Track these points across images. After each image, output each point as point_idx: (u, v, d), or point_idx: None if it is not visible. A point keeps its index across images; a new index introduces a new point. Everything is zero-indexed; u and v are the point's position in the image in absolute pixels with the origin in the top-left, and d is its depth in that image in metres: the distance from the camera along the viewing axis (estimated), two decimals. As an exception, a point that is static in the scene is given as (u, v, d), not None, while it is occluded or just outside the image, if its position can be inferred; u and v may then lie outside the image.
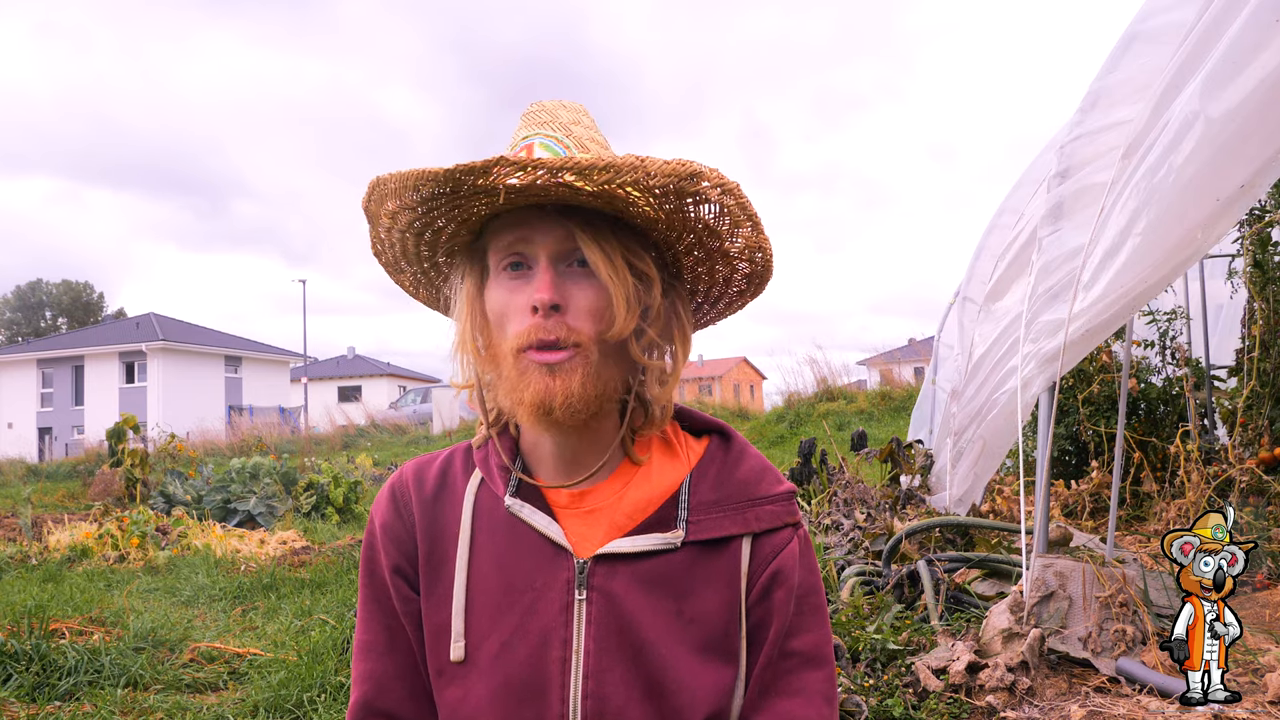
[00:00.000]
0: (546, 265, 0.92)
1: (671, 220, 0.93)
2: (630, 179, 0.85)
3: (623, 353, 0.96)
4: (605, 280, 0.91)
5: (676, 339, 1.00)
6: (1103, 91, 3.15)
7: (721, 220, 0.94)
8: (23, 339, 55.74)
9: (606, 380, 0.94)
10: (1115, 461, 3.44)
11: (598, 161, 0.84)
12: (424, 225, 0.97)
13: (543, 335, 0.91)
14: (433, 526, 1.02)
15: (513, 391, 0.93)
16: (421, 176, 0.88)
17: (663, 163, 0.85)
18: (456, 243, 1.01)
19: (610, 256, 0.91)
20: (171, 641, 4.16)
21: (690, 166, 0.87)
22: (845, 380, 19.02)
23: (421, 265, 1.06)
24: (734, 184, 0.90)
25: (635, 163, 0.85)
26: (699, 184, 0.88)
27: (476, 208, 0.93)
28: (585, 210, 0.91)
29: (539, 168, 0.84)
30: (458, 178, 0.87)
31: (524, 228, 0.93)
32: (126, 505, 10.29)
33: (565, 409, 0.91)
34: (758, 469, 1.03)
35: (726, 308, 1.09)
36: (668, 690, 0.93)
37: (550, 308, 0.90)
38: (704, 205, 0.91)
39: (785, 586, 0.98)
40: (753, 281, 1.03)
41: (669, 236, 0.96)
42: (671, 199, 0.90)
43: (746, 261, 1.00)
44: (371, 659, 1.04)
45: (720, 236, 0.96)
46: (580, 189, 0.86)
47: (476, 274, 1.00)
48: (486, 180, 0.87)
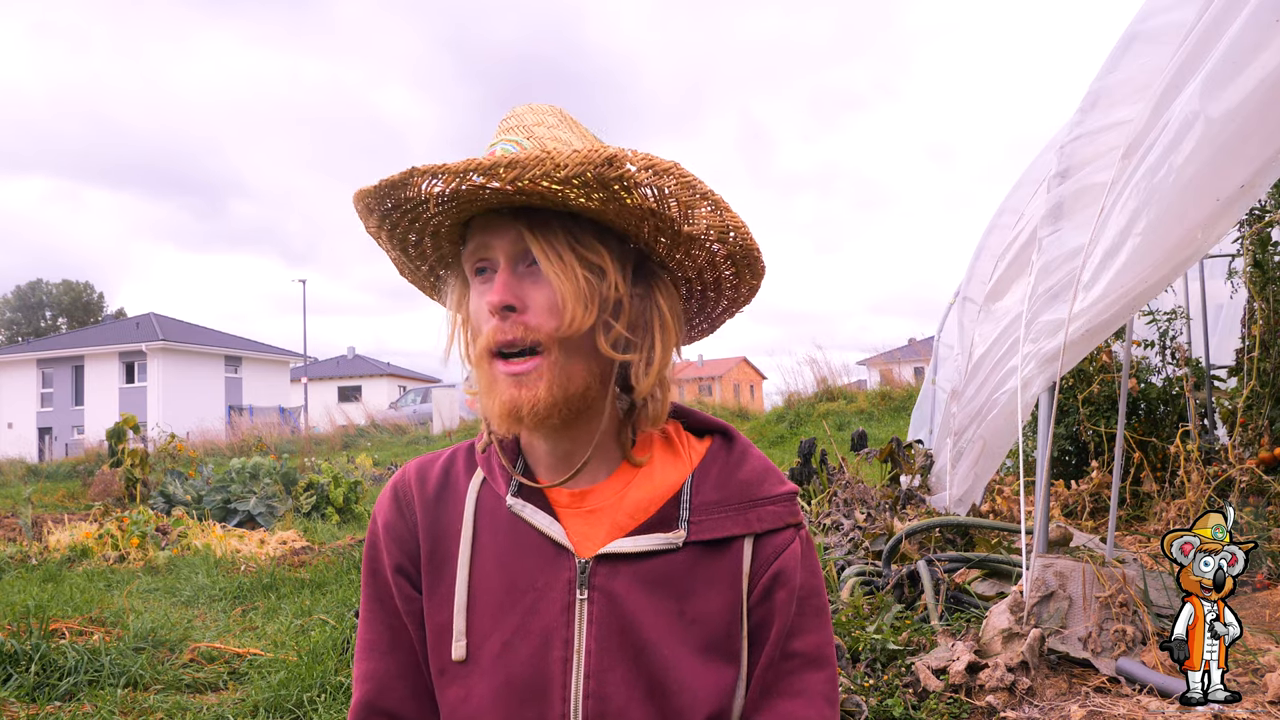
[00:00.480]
0: (504, 267, 0.93)
1: (611, 210, 0.91)
2: (539, 172, 0.84)
3: (591, 349, 0.95)
4: (551, 276, 0.91)
5: (656, 331, 0.98)
6: (1103, 91, 3.15)
7: (666, 203, 0.91)
8: (23, 339, 55.75)
9: (575, 381, 0.93)
10: (1115, 461, 3.44)
11: (501, 160, 0.84)
12: (401, 239, 1.00)
13: (500, 336, 0.92)
14: (435, 526, 1.02)
15: (484, 397, 0.95)
16: (361, 195, 0.93)
17: (571, 153, 0.84)
18: (443, 253, 1.03)
19: (559, 252, 0.91)
20: (171, 641, 4.17)
21: (604, 152, 0.84)
22: (845, 380, 19.03)
23: (428, 279, 1.08)
24: (669, 164, 0.88)
25: (541, 156, 0.84)
26: (620, 168, 0.86)
27: (429, 218, 0.95)
28: (539, 210, 0.91)
29: (447, 172, 0.86)
30: (385, 192, 0.91)
31: (484, 233, 0.94)
32: (126, 505, 10.29)
33: (533, 416, 0.92)
34: (760, 470, 1.03)
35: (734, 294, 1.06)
36: (669, 690, 0.93)
37: (504, 308, 0.91)
38: (638, 190, 0.89)
39: (787, 587, 0.98)
40: (739, 264, 1.00)
41: (625, 226, 0.94)
42: (598, 188, 0.88)
43: (719, 242, 0.97)
44: (374, 658, 1.04)
45: (673, 220, 0.93)
46: (502, 189, 0.86)
47: (461, 282, 1.01)
48: (410, 192, 0.90)
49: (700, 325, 1.13)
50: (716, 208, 0.93)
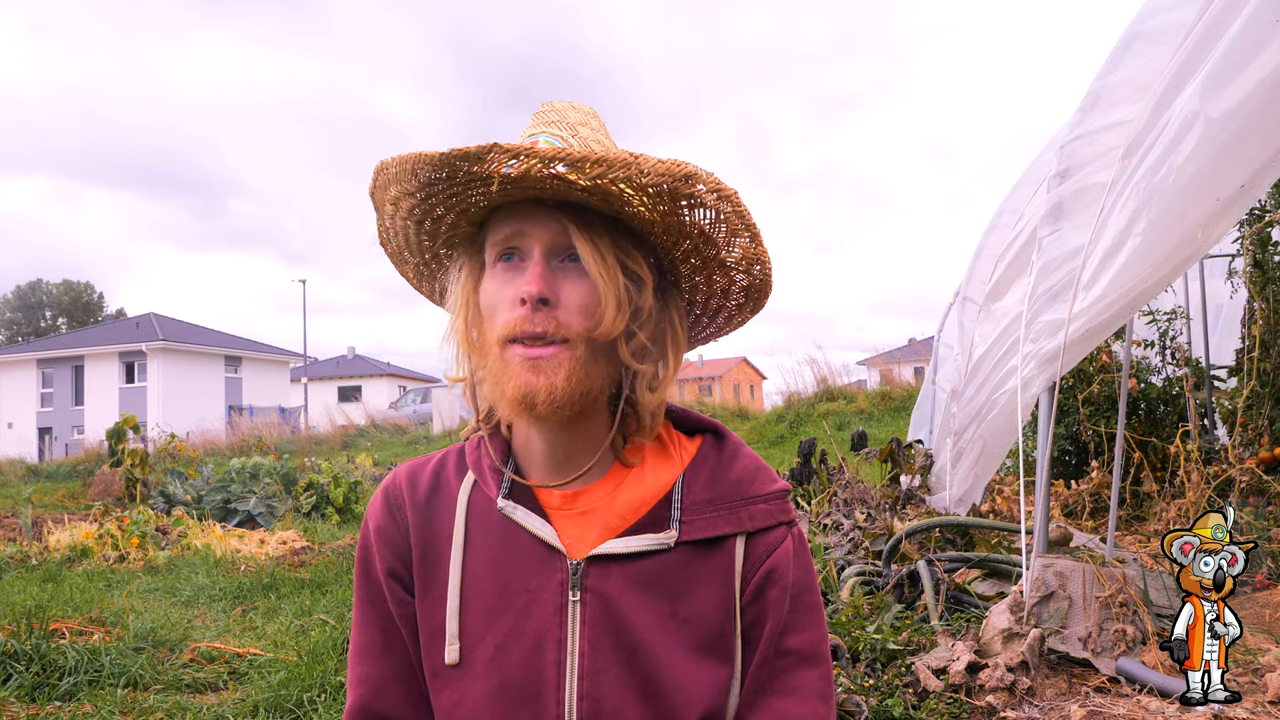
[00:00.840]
0: (539, 258, 0.92)
1: (667, 223, 0.92)
2: (623, 174, 0.85)
3: (611, 353, 0.95)
4: (595, 277, 0.90)
5: (669, 346, 0.99)
6: (1103, 91, 3.15)
7: (718, 227, 0.93)
8: (23, 339, 55.77)
9: (593, 378, 0.93)
10: (1115, 461, 3.43)
11: (590, 155, 0.84)
12: (424, 213, 0.97)
13: (529, 327, 0.90)
14: (426, 529, 1.02)
15: (496, 383, 0.93)
16: (419, 160, 0.88)
17: (657, 161, 0.85)
18: (457, 234, 1.01)
19: (603, 254, 0.91)
20: (171, 641, 4.16)
21: (685, 168, 0.86)
22: (845, 380, 19.02)
23: (424, 256, 1.05)
24: (731, 191, 0.89)
25: (629, 159, 0.84)
26: (693, 186, 0.87)
27: (474, 197, 0.93)
28: (582, 207, 0.91)
29: (532, 156, 0.84)
30: (453, 163, 0.87)
31: (520, 221, 0.92)
32: (126, 505, 10.29)
33: (548, 404, 0.90)
34: (751, 468, 1.03)
35: (726, 322, 1.09)
36: (663, 690, 0.93)
37: (539, 300, 0.90)
38: (699, 210, 0.90)
39: (780, 585, 0.98)
40: (751, 295, 1.03)
41: (665, 241, 0.96)
42: (666, 200, 0.89)
43: (744, 274, 0.99)
44: (367, 662, 1.03)
45: (716, 244, 0.95)
46: (574, 182, 0.86)
47: (474, 266, 0.99)
48: (481, 167, 0.86)
49: None
50: (754, 240, 0.95)
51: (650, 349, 0.98)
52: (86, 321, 58.06)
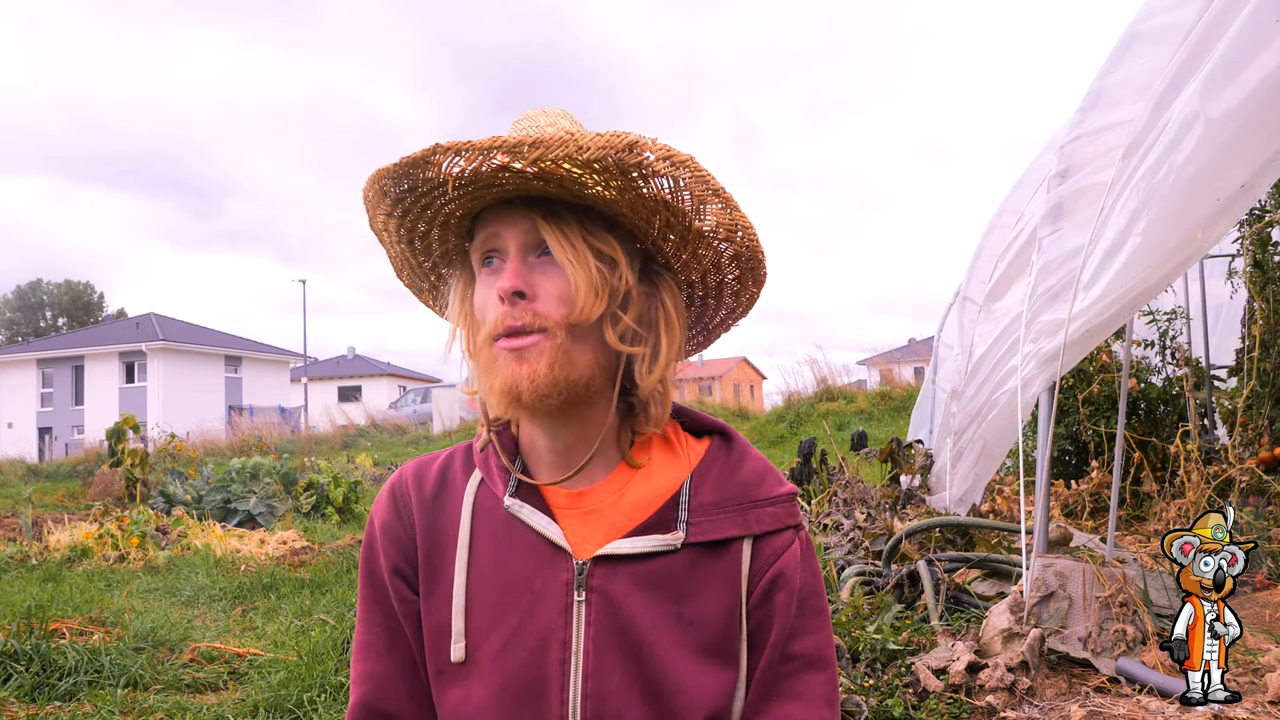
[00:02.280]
0: (514, 255, 0.94)
1: (628, 200, 0.92)
2: (562, 153, 0.85)
3: (598, 339, 0.96)
4: (564, 263, 0.91)
5: (661, 327, 0.99)
6: (1103, 91, 3.15)
7: (680, 196, 0.92)
8: (23, 339, 55.74)
9: (578, 365, 0.93)
10: (1115, 461, 3.43)
11: (525, 139, 0.84)
12: (409, 232, 1.00)
13: (510, 322, 0.92)
14: (432, 527, 1.02)
15: (486, 380, 0.95)
16: (379, 175, 0.92)
17: (594, 135, 0.85)
18: (448, 249, 1.03)
19: (571, 240, 0.92)
20: (171, 641, 4.16)
21: (626, 138, 0.85)
22: (845, 380, 19.03)
23: (429, 279, 1.08)
24: (685, 157, 0.88)
25: (565, 137, 0.84)
26: (639, 155, 0.86)
27: (445, 206, 0.95)
28: (551, 200, 0.93)
29: (470, 149, 0.86)
30: (405, 170, 0.90)
31: (494, 223, 0.95)
32: (126, 505, 10.29)
33: (533, 393, 0.91)
34: (759, 470, 1.03)
35: (734, 300, 1.07)
36: (667, 692, 0.93)
37: (514, 294, 0.91)
38: (655, 180, 0.89)
39: (787, 589, 0.98)
40: (743, 264, 1.01)
41: (637, 220, 0.95)
42: (616, 175, 0.88)
43: (726, 241, 0.98)
44: (371, 660, 1.03)
45: (685, 213, 0.94)
46: (522, 171, 0.87)
47: (467, 278, 1.01)
48: (431, 170, 0.89)
49: (696, 337, 1.14)
50: (727, 205, 0.94)
51: (639, 332, 0.98)
52: (86, 321, 58.05)
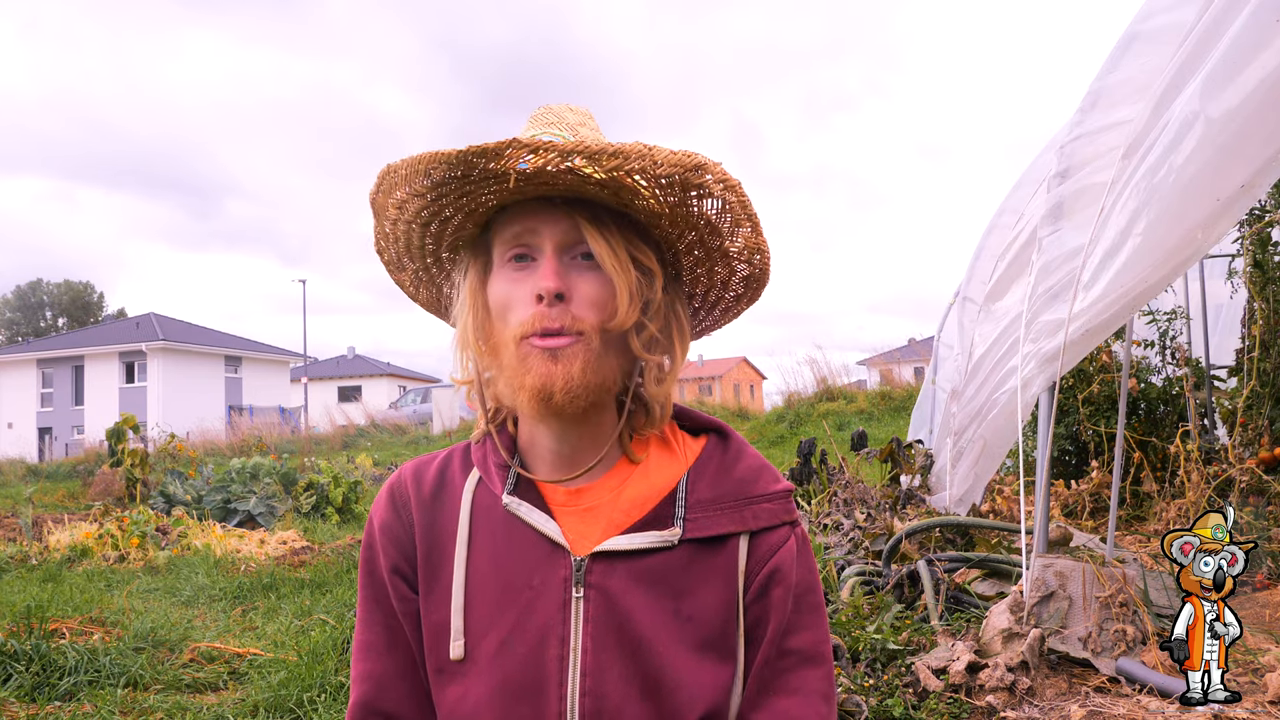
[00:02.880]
0: (552, 255, 0.93)
1: (675, 214, 0.94)
2: (638, 166, 0.86)
3: (623, 346, 0.97)
4: (610, 271, 0.92)
5: (675, 337, 1.01)
6: (1103, 91, 3.15)
7: (723, 217, 0.94)
8: (23, 339, 55.75)
9: (606, 371, 0.94)
10: (1115, 461, 3.43)
11: (607, 147, 0.85)
12: (431, 215, 0.97)
13: (547, 323, 0.91)
14: (431, 526, 1.02)
15: (514, 378, 0.94)
16: (433, 159, 0.88)
17: (669, 152, 0.87)
18: (462, 236, 1.01)
19: (615, 248, 0.92)
20: (171, 641, 4.16)
21: (696, 158, 0.87)
22: (845, 380, 19.03)
23: (424, 261, 1.06)
24: (736, 181, 0.91)
25: (643, 150, 0.86)
26: (703, 176, 0.89)
27: (485, 196, 0.93)
28: (591, 203, 0.93)
29: (550, 150, 0.85)
30: (470, 160, 0.87)
31: (530, 219, 0.93)
32: (126, 505, 10.29)
33: (566, 393, 0.91)
34: (755, 467, 1.03)
35: (723, 314, 1.10)
36: (665, 688, 0.93)
37: (555, 296, 0.91)
38: (707, 200, 0.92)
39: (783, 585, 0.98)
40: (750, 285, 1.04)
41: (670, 233, 0.97)
42: (676, 190, 0.90)
43: (745, 263, 1.00)
44: (371, 659, 1.04)
45: (721, 234, 0.96)
46: (589, 176, 0.87)
47: (480, 267, 1.00)
48: (499, 163, 0.87)
49: None
50: (755, 230, 0.96)
51: (660, 340, 1.00)
52: (86, 321, 58.06)
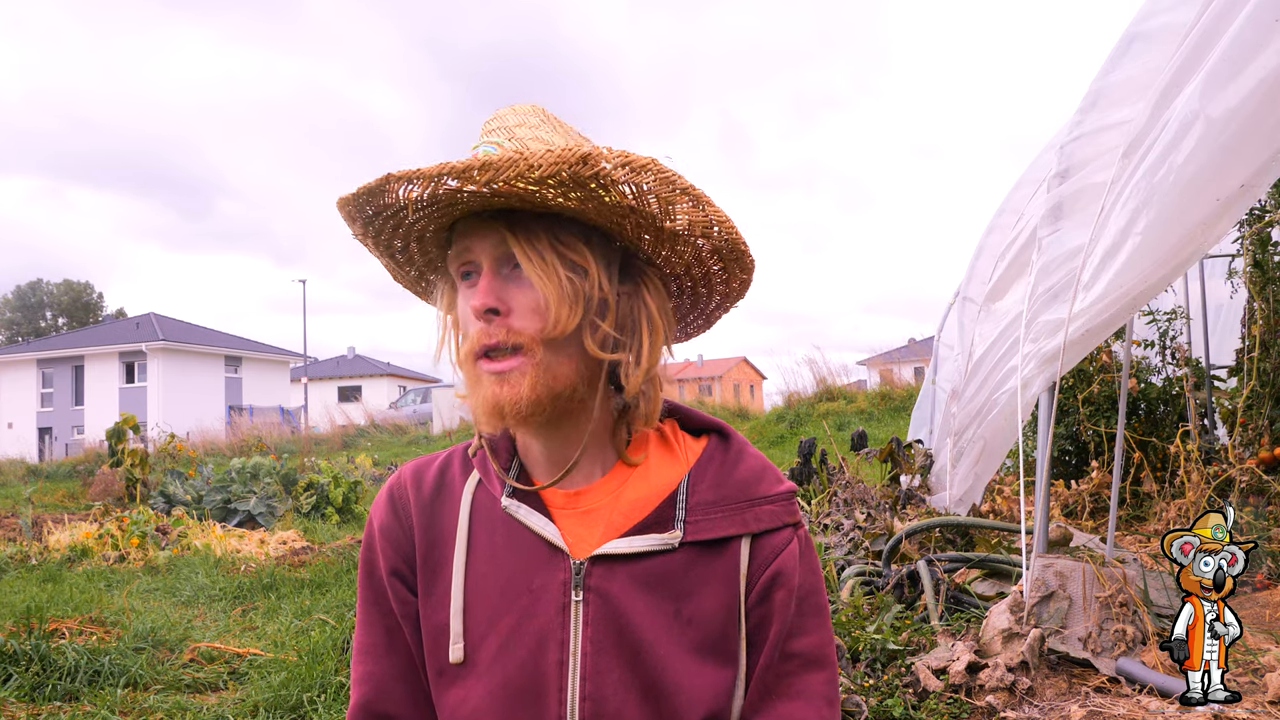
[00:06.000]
0: (487, 271, 0.93)
1: (592, 209, 0.90)
2: (513, 173, 0.84)
3: (578, 348, 0.95)
4: (534, 278, 0.91)
5: (644, 326, 0.98)
6: (1103, 91, 3.15)
7: (645, 200, 0.90)
8: (23, 339, 55.75)
9: (560, 379, 0.93)
10: (1115, 461, 3.43)
11: (474, 163, 0.84)
12: (388, 245, 1.00)
13: (485, 340, 0.92)
14: (431, 529, 1.02)
15: (470, 399, 0.96)
16: (342, 203, 0.94)
17: (545, 152, 0.83)
18: (430, 259, 1.04)
19: (540, 253, 0.91)
20: (171, 641, 4.17)
21: (578, 151, 0.84)
22: (845, 380, 19.03)
23: (418, 284, 1.08)
24: (645, 160, 0.87)
25: (515, 157, 0.84)
26: (595, 166, 0.85)
27: (411, 223, 0.95)
28: (520, 212, 0.91)
29: (420, 177, 0.86)
30: (361, 202, 0.91)
31: (467, 237, 0.94)
32: (126, 505, 10.29)
33: (515, 414, 0.91)
34: (757, 469, 1.02)
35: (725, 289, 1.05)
36: (665, 691, 0.93)
37: (487, 311, 0.91)
38: (616, 188, 0.88)
39: (786, 587, 0.98)
40: (726, 259, 0.99)
41: (607, 225, 0.94)
42: (574, 187, 0.87)
43: (702, 238, 0.96)
44: (371, 661, 1.04)
45: (653, 217, 0.92)
46: (480, 190, 0.86)
47: (449, 286, 1.01)
48: (386, 198, 0.90)
49: (696, 321, 1.12)
50: (697, 203, 0.92)
51: (618, 337, 0.97)
52: (86, 321, 58.05)
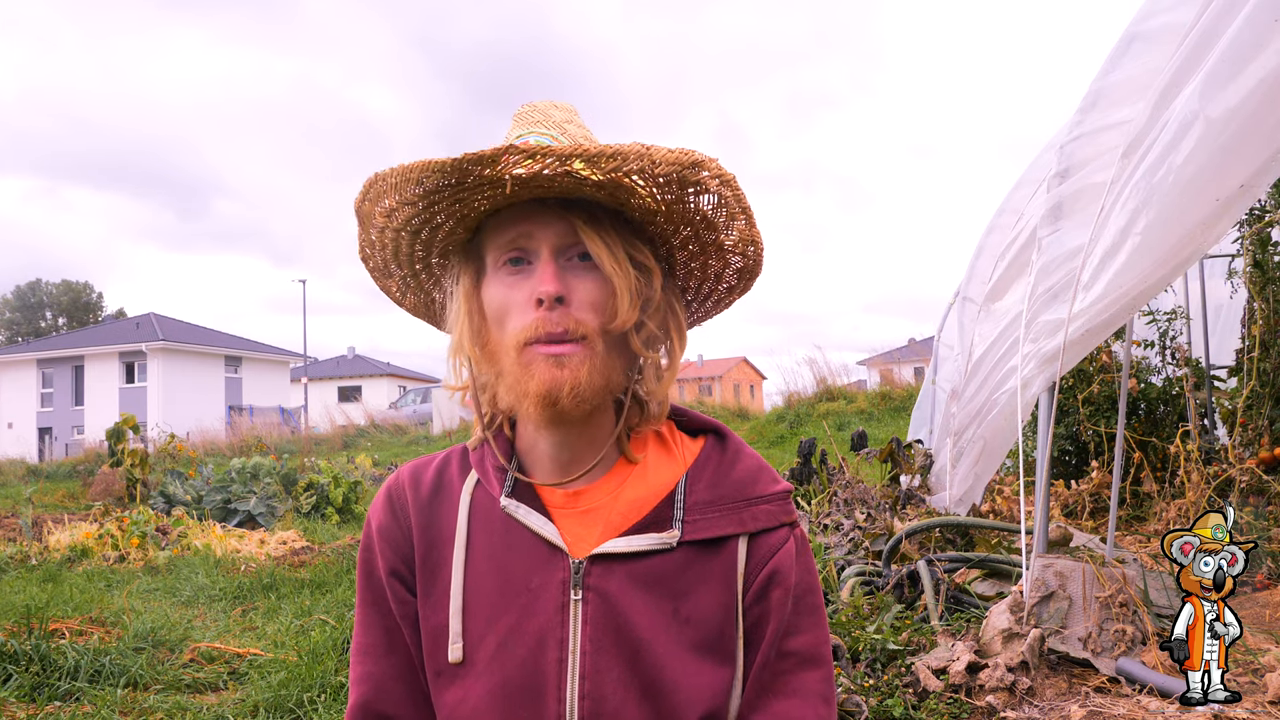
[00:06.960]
0: (549, 258, 0.92)
1: (671, 212, 0.94)
2: (637, 166, 0.86)
3: (625, 346, 0.97)
4: (609, 273, 0.92)
5: (673, 333, 1.01)
6: (1103, 91, 3.15)
7: (719, 212, 0.95)
8: (23, 339, 55.74)
9: (612, 372, 0.95)
10: (1115, 461, 3.43)
11: (605, 149, 0.85)
12: (422, 222, 0.96)
13: (549, 328, 0.91)
14: (429, 529, 1.02)
15: (516, 385, 0.93)
16: (425, 168, 0.87)
17: (667, 151, 0.86)
18: (452, 242, 1.00)
19: (613, 249, 0.92)
20: (171, 641, 4.16)
21: (693, 155, 0.87)
22: (845, 380, 19.02)
23: (413, 268, 1.05)
24: (731, 175, 0.91)
25: (641, 150, 0.86)
26: (700, 172, 0.89)
27: (478, 202, 0.92)
28: (586, 204, 0.92)
29: (548, 155, 0.84)
30: (465, 168, 0.86)
31: (525, 223, 0.93)
32: (127, 505, 10.29)
33: (573, 398, 0.90)
34: (753, 468, 1.03)
35: (715, 305, 1.10)
36: (664, 690, 0.93)
37: (555, 299, 0.91)
38: (703, 196, 0.92)
39: (782, 586, 0.98)
40: (743, 276, 1.04)
41: (665, 230, 0.97)
42: (674, 189, 0.91)
43: (739, 255, 1.01)
44: (370, 661, 1.04)
45: (716, 229, 0.97)
46: (586, 178, 0.86)
47: (473, 273, 0.99)
48: (494, 170, 0.86)
49: None
50: (749, 222, 0.96)
51: (659, 336, 1.00)
52: (86, 321, 58.05)
